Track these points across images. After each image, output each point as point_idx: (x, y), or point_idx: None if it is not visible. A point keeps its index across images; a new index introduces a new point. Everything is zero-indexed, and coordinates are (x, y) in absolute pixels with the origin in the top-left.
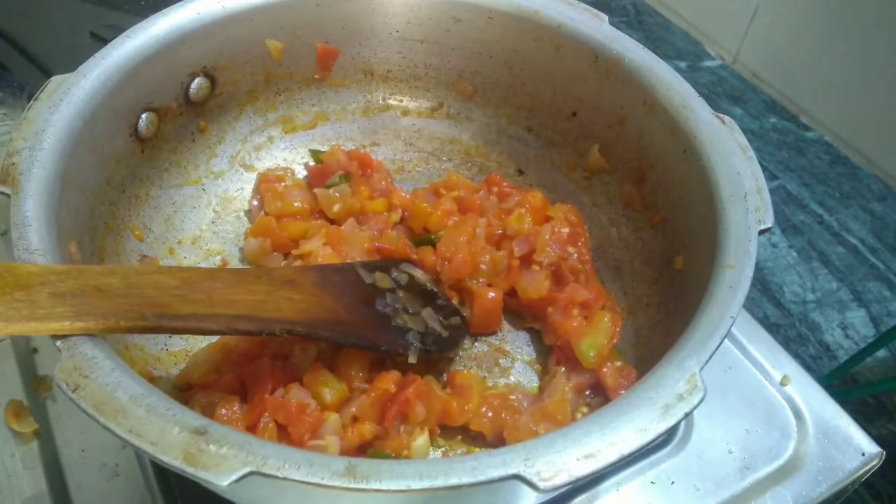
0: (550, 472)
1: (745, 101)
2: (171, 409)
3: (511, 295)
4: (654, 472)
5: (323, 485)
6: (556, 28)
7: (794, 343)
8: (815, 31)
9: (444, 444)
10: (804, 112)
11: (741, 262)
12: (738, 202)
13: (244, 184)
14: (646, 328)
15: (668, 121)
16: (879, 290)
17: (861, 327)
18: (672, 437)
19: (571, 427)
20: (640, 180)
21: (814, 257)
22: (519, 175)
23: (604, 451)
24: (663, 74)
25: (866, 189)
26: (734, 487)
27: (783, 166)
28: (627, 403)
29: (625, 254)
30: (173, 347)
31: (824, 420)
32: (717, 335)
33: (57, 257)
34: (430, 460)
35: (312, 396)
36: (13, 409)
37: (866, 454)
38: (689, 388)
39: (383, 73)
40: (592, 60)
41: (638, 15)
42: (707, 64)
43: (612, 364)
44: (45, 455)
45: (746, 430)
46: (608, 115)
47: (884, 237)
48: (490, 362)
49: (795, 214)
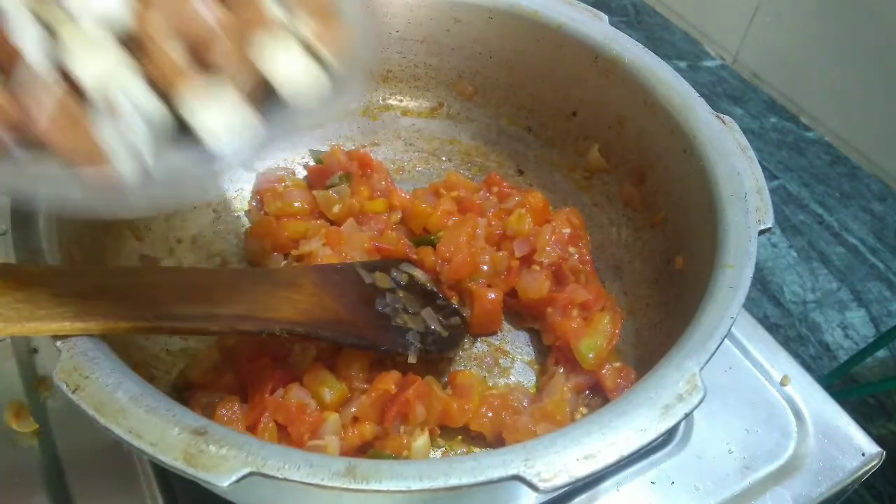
0: (550, 473)
1: (745, 101)
2: (171, 409)
3: (511, 295)
4: (654, 472)
5: (323, 485)
6: (557, 28)
7: (794, 343)
8: (816, 31)
9: (444, 444)
10: (804, 112)
11: (741, 262)
12: (739, 202)
13: (244, 184)
14: (646, 328)
15: (668, 121)
16: (879, 290)
17: (861, 327)
18: (672, 437)
19: (571, 427)
20: (640, 180)
21: (814, 257)
22: (519, 175)
23: (604, 452)
24: (663, 74)
25: (866, 189)
26: (734, 487)
27: (783, 166)
28: (627, 404)
29: (625, 254)
30: (173, 347)
31: (824, 420)
32: (717, 335)
33: (57, 258)
34: (430, 461)
35: (312, 396)
36: (13, 409)
37: (866, 454)
38: (689, 388)
39: (383, 72)
40: (592, 60)
41: (638, 15)
42: (707, 64)
43: (610, 365)
44: (45, 455)
45: (746, 430)
46: (608, 115)
47: (884, 237)
48: (490, 362)
49: (795, 214)
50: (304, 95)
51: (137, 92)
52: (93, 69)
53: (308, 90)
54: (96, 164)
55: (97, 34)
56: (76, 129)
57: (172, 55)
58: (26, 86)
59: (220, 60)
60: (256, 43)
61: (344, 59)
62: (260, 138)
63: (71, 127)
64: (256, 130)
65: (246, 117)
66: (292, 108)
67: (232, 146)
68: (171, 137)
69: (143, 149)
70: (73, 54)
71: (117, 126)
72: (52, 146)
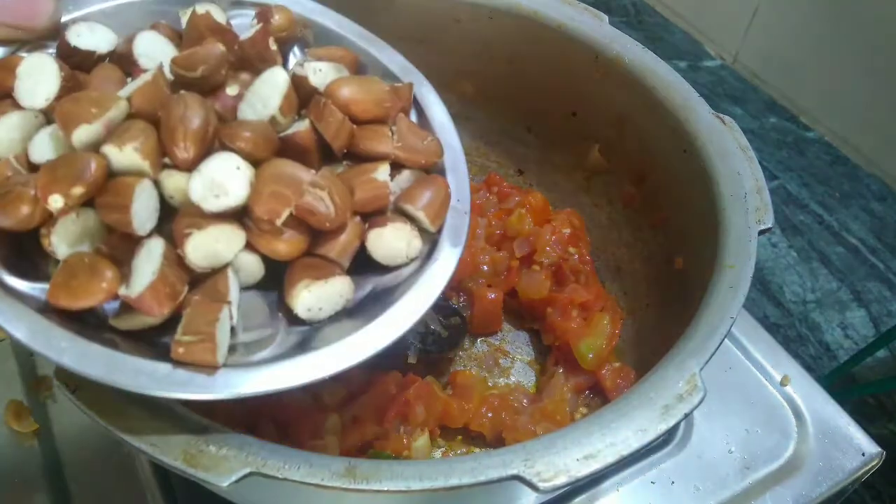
0: (550, 473)
1: (745, 101)
2: (171, 409)
3: (511, 295)
4: (654, 473)
5: (323, 485)
6: (557, 28)
7: (794, 343)
8: (816, 31)
9: (444, 444)
10: (804, 112)
11: (741, 263)
12: (739, 202)
13: None
14: (646, 328)
15: (668, 121)
16: (879, 290)
17: (861, 327)
18: (672, 438)
19: (571, 427)
20: (640, 180)
21: (814, 257)
22: (519, 175)
23: (603, 452)
24: (663, 74)
25: (866, 189)
26: (734, 487)
27: (783, 166)
28: (627, 404)
29: (625, 254)
30: None
31: (824, 420)
32: (717, 335)
33: None
34: (430, 461)
35: (312, 396)
36: (13, 409)
37: (866, 454)
38: (689, 388)
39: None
40: (592, 60)
41: (638, 15)
42: (707, 64)
43: (610, 365)
44: (45, 455)
45: (746, 430)
46: (608, 115)
47: (884, 237)
48: (490, 362)
49: (795, 214)
50: (399, 260)
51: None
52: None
53: (405, 260)
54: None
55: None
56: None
57: (282, 245)
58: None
59: (330, 252)
60: (371, 235)
61: (441, 222)
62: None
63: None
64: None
65: (344, 291)
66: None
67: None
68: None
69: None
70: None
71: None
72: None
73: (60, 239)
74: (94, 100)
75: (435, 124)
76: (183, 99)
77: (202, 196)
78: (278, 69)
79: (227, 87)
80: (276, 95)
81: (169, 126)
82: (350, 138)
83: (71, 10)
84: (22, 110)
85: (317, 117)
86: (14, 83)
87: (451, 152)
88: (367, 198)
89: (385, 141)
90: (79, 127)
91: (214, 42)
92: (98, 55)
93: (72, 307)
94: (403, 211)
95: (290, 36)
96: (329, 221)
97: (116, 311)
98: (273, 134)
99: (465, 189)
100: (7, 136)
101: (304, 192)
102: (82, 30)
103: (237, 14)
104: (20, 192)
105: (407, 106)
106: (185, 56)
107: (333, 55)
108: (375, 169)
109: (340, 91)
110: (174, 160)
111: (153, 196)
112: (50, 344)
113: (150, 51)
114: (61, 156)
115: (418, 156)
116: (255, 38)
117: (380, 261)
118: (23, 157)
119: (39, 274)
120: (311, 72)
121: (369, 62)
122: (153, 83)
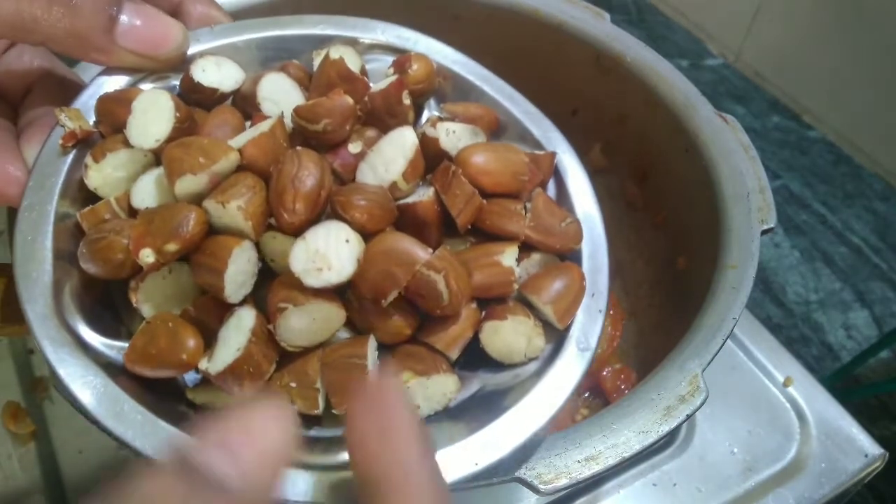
0: (551, 475)
1: (747, 99)
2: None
3: None
4: (656, 474)
5: None
6: (557, 26)
7: (797, 344)
8: (819, 30)
9: None
10: (807, 111)
11: (744, 263)
12: (741, 202)
13: None
14: (647, 329)
15: (670, 120)
16: (882, 290)
17: (864, 328)
18: (674, 439)
19: (572, 429)
20: (641, 180)
21: (817, 257)
22: None
23: (605, 454)
24: (665, 73)
25: (869, 189)
26: (737, 489)
27: (786, 166)
28: (629, 405)
29: (626, 254)
30: None
31: (827, 421)
32: (719, 336)
33: None
34: None
35: None
36: (10, 410)
37: (869, 456)
38: (691, 389)
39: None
40: (594, 59)
41: (640, 13)
42: (709, 62)
43: (611, 367)
44: (42, 456)
45: (749, 431)
46: (609, 113)
47: (887, 237)
48: None
49: (798, 214)
50: (516, 359)
51: None
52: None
53: (522, 359)
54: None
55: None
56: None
57: (385, 329)
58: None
59: (437, 343)
60: (487, 327)
61: (570, 320)
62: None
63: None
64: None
65: (448, 390)
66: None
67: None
68: None
69: None
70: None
71: None
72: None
73: (147, 296)
74: (203, 148)
75: (575, 200)
76: (298, 156)
77: (304, 269)
78: (407, 130)
79: (350, 142)
80: (401, 159)
81: (279, 185)
82: (477, 213)
83: (201, 41)
84: (131, 148)
85: (443, 188)
86: (128, 118)
87: (590, 236)
88: (487, 283)
89: (517, 219)
90: (183, 176)
91: (342, 94)
92: (221, 93)
93: (147, 376)
94: (528, 301)
95: (427, 88)
96: (441, 309)
97: (196, 382)
98: (391, 204)
99: (602, 283)
100: (113, 175)
101: (417, 273)
102: (209, 65)
103: (373, 59)
104: (112, 241)
105: (546, 179)
106: (308, 107)
107: (471, 114)
108: (502, 251)
109: (473, 159)
110: (279, 223)
111: (252, 260)
112: (117, 415)
113: (275, 94)
114: (161, 205)
115: (553, 239)
116: (387, 91)
117: (494, 357)
118: (124, 199)
119: (122, 330)
120: (444, 133)
121: (509, 122)
122: (270, 134)
